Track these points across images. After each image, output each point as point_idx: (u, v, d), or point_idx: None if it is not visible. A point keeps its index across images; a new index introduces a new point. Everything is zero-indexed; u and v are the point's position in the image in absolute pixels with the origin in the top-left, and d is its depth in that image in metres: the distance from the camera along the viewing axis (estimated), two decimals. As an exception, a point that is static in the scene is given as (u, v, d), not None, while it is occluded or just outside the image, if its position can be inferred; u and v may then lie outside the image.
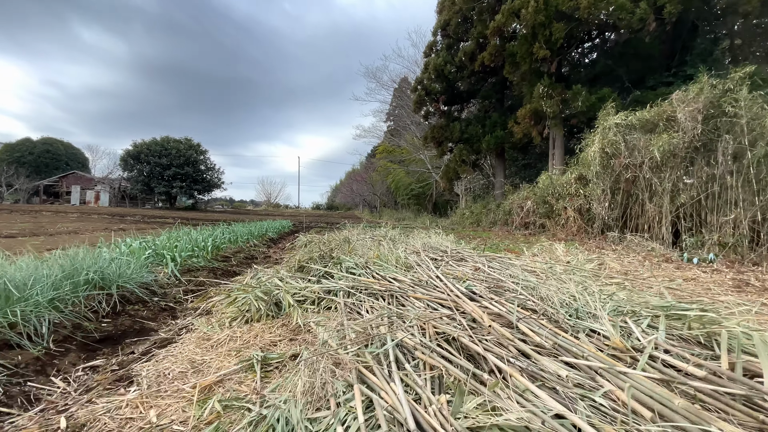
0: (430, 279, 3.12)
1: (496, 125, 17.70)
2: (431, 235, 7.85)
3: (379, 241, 6.15)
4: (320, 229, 18.46)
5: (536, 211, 13.65)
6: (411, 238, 6.66)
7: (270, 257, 7.75)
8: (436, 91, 17.63)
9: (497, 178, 19.26)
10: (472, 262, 4.31)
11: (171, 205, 44.64)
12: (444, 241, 6.88)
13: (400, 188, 41.78)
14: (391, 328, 2.07)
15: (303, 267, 3.85)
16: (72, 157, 53.04)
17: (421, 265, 3.71)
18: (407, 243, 6.17)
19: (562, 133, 13.92)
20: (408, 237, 7.59)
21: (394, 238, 6.60)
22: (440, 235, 7.75)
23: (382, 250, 4.07)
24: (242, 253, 7.53)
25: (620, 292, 2.85)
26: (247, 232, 9.40)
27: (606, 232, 10.93)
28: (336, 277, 3.40)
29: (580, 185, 11.79)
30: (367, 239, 6.10)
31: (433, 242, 6.43)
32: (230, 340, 2.41)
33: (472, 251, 5.45)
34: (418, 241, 6.25)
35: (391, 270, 3.50)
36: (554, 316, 2.09)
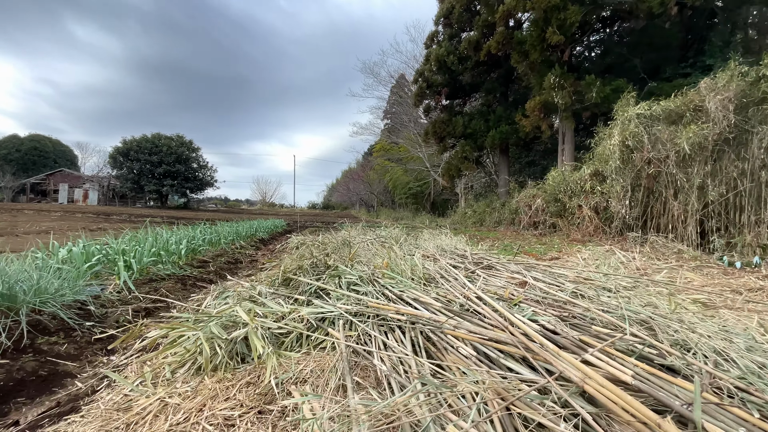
0: (467, 301, 2.19)
1: (501, 120, 16.82)
2: (440, 235, 6.93)
3: (383, 243, 5.22)
4: (315, 228, 17.49)
5: (546, 210, 12.78)
6: (420, 240, 5.74)
7: (257, 261, 6.80)
8: (437, 84, 16.71)
9: (501, 175, 18.38)
10: (506, 272, 3.39)
11: (162, 204, 43.40)
12: (457, 243, 5.96)
13: (397, 187, 40.89)
14: (432, 408, 1.15)
15: (289, 280, 2.91)
16: (60, 155, 51.52)
17: (447, 278, 2.77)
18: (417, 245, 5.24)
19: (573, 126, 13.06)
20: (415, 238, 6.66)
21: (400, 239, 5.67)
22: (448, 236, 6.83)
23: (392, 255, 3.14)
24: (225, 256, 6.57)
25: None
26: (233, 232, 8.43)
27: (626, 233, 10.07)
28: (333, 297, 2.46)
29: (596, 182, 10.92)
30: (370, 241, 5.16)
31: (446, 244, 5.50)
32: (160, 412, 1.46)
33: (499, 256, 4.53)
34: (429, 244, 5.32)
35: (408, 284, 2.57)
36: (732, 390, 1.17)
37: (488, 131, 16.84)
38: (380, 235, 6.68)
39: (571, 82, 12.44)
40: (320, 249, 3.65)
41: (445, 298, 2.34)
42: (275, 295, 2.62)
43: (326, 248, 3.64)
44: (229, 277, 4.24)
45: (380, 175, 45.27)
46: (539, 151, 22.71)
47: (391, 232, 7.08)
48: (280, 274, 2.85)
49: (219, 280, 4.92)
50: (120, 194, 44.55)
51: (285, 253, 7.52)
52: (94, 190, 43.40)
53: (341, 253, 3.80)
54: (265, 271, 4.38)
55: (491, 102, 17.73)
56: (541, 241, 10.29)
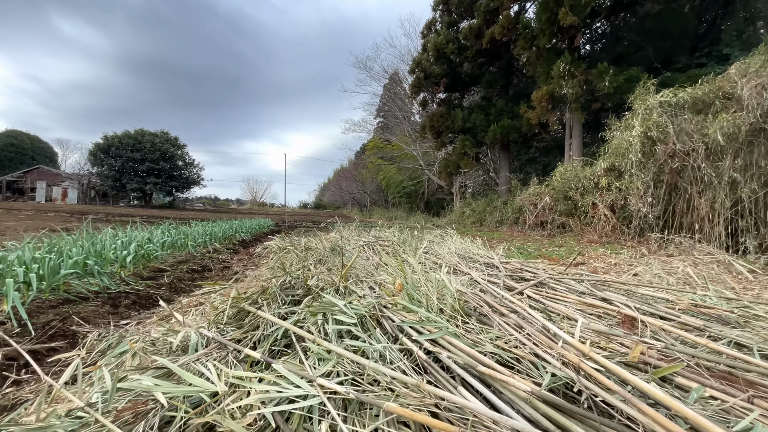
0: (573, 373, 1.09)
1: (502, 113, 15.84)
2: (448, 237, 5.87)
3: (384, 248, 4.13)
4: (305, 229, 16.33)
5: (554, 209, 11.82)
6: (427, 243, 4.65)
7: (229, 268, 5.66)
8: (436, 74, 15.65)
9: (501, 172, 17.40)
10: (568, 291, 2.33)
11: (146, 203, 41.68)
12: (472, 247, 4.91)
13: (391, 186, 39.85)
14: None
15: (246, 313, 1.80)
16: (39, 152, 49.25)
17: (497, 308, 1.70)
18: (428, 250, 4.16)
19: (583, 119, 12.12)
20: (419, 240, 5.59)
21: (405, 242, 4.58)
22: (456, 238, 5.77)
23: (404, 270, 2.06)
24: (190, 262, 5.42)
25: None
26: (206, 233, 7.27)
27: (646, 233, 9.15)
28: (314, 355, 1.36)
29: (612, 177, 9.98)
30: (368, 244, 4.07)
31: (462, 248, 4.43)
32: None
33: (537, 265, 3.48)
34: (443, 248, 4.25)
35: (439, 323, 1.50)
36: None
37: (488, 126, 15.85)
38: (378, 237, 5.59)
39: (582, 71, 11.49)
40: (301, 259, 2.54)
41: (522, 358, 1.26)
42: (214, 346, 1.51)
43: (307, 260, 2.54)
44: (181, 295, 3.11)
45: (373, 174, 44.19)
46: (539, 148, 21.84)
47: (391, 233, 6.00)
48: (226, 307, 1.74)
49: (174, 296, 3.80)
50: (102, 193, 42.65)
51: (265, 258, 6.38)
52: (74, 188, 41.42)
53: (330, 263, 2.70)
54: (227, 288, 3.25)
55: (491, 95, 16.73)
56: (553, 242, 9.30)
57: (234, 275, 5.10)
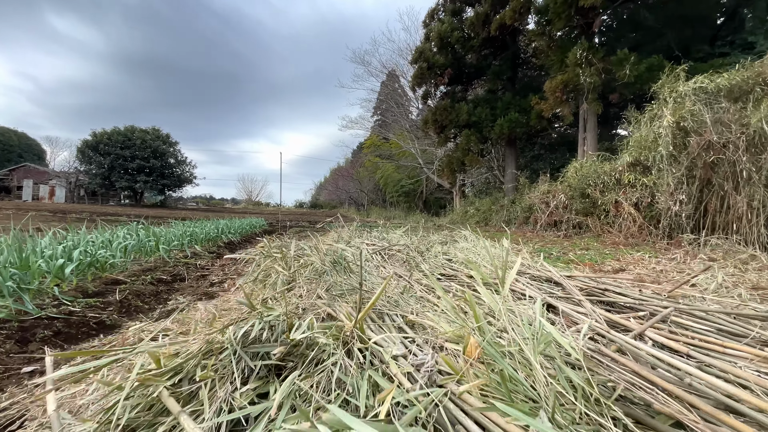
0: None
1: (510, 107, 14.94)
2: (474, 241, 4.96)
3: (408, 258, 3.21)
4: (301, 229, 15.38)
5: (570, 207, 10.94)
6: (454, 249, 3.74)
7: (205, 277, 4.71)
8: (439, 65, 14.71)
9: (508, 169, 16.53)
10: (702, 329, 1.42)
11: (137, 202, 40.45)
12: (501, 253, 4.00)
13: (389, 184, 38.95)
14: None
15: (158, 410, 0.88)
16: (27, 149, 47.76)
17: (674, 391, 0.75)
18: (456, 258, 3.24)
19: (600, 111, 11.26)
20: (440, 243, 4.68)
21: (427, 249, 3.66)
22: (480, 241, 4.85)
23: (475, 312, 1.12)
24: (159, 270, 4.47)
25: None
26: (186, 234, 6.30)
27: (678, 234, 8.30)
28: None
29: (637, 173, 9.12)
30: (381, 250, 3.14)
31: (496, 256, 3.52)
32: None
33: (603, 279, 2.57)
34: (476, 256, 3.33)
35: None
36: None
37: (495, 120, 14.95)
38: (387, 241, 4.66)
39: (600, 58, 10.63)
40: (285, 281, 1.61)
41: None
42: None
43: (297, 278, 1.62)
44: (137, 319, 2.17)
45: (371, 173, 43.26)
46: (544, 145, 21.01)
47: (400, 235, 5.07)
48: (122, 396, 0.81)
49: (123, 320, 2.85)
50: (91, 191, 41.33)
51: (251, 264, 5.44)
52: (62, 186, 40.06)
53: (332, 283, 1.77)
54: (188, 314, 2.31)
55: (497, 88, 15.83)
56: (574, 244, 8.41)
57: (213, 285, 4.14)
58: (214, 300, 3.33)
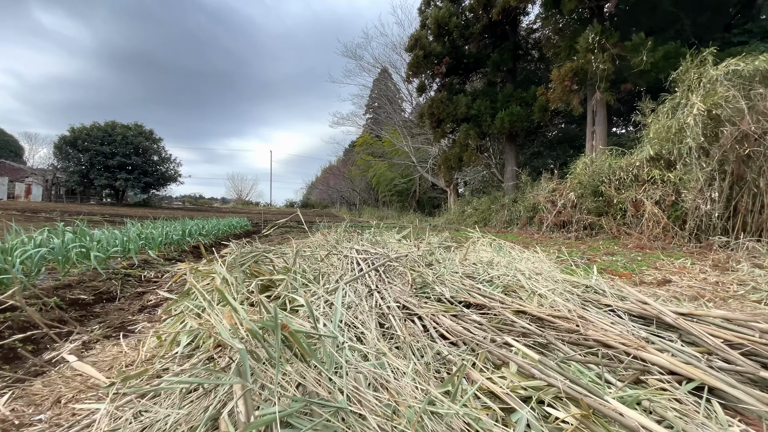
0: None
1: (511, 100, 14.01)
2: (482, 243, 3.94)
3: (414, 267, 2.17)
4: (288, 229, 14.27)
5: (581, 206, 10.00)
6: (462, 253, 2.70)
7: (144, 295, 3.60)
8: (437, 53, 13.70)
9: (508, 167, 15.59)
10: None
11: (118, 201, 38.72)
12: (532, 260, 2.99)
13: (381, 183, 37.86)
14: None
15: None
16: (3, 145, 45.58)
17: None
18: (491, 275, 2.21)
19: (613, 100, 10.34)
20: (445, 248, 3.63)
21: (438, 262, 2.61)
22: (509, 250, 3.84)
23: None
24: (82, 287, 3.37)
25: None
26: (137, 239, 5.17)
27: (706, 236, 7.39)
28: None
29: (660, 168, 8.21)
30: (381, 266, 2.07)
31: (537, 269, 2.50)
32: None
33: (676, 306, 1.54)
34: (518, 274, 2.30)
35: None
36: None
37: (495, 113, 14.00)
38: (379, 243, 3.62)
39: (615, 42, 9.71)
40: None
41: None
42: None
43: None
44: None
45: (363, 171, 42.13)
46: (545, 142, 20.14)
47: (400, 240, 4.02)
48: None
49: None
50: (71, 190, 39.46)
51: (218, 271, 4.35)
52: (38, 184, 38.17)
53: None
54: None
55: (497, 79, 14.86)
56: (591, 247, 7.43)
57: (147, 313, 3.00)
58: (125, 340, 2.25)
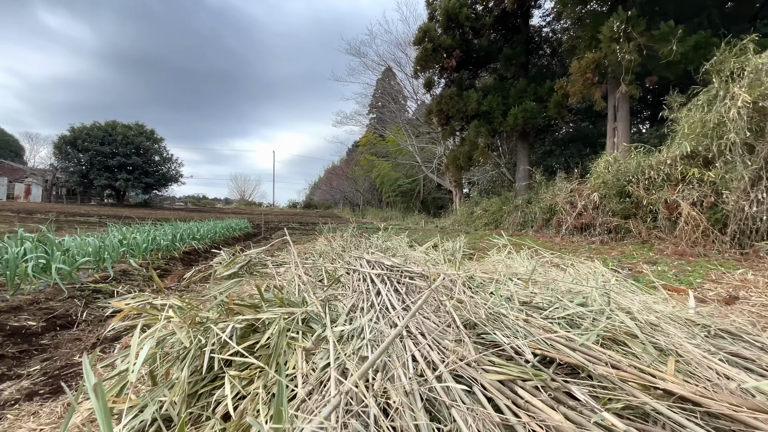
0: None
1: (524, 95, 13.29)
2: (509, 251, 3.24)
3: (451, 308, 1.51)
4: (290, 231, 13.62)
5: (604, 208, 9.28)
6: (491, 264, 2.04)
7: (110, 319, 2.94)
8: (446, 46, 13.02)
9: (520, 166, 14.88)
10: None
11: (119, 201, 38.24)
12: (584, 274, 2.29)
13: (385, 184, 37.16)
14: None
15: None
16: (3, 145, 45.24)
17: None
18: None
19: (638, 94, 9.63)
20: (467, 256, 2.91)
21: (483, 284, 1.92)
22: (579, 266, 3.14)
23: None
24: (32, 309, 2.71)
25: None
26: (117, 245, 4.51)
27: (751, 241, 6.65)
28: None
29: (697, 166, 7.48)
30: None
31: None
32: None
33: None
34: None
35: None
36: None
37: (507, 110, 13.29)
38: (390, 251, 2.95)
39: (641, 32, 8.99)
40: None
41: None
42: None
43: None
44: None
45: (366, 172, 41.44)
46: (556, 140, 19.38)
47: (427, 251, 3.34)
48: None
49: None
50: (71, 190, 39.02)
51: (202, 285, 3.65)
52: (38, 185, 37.75)
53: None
54: None
55: (509, 74, 14.13)
56: (624, 254, 6.72)
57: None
58: (52, 403, 1.60)
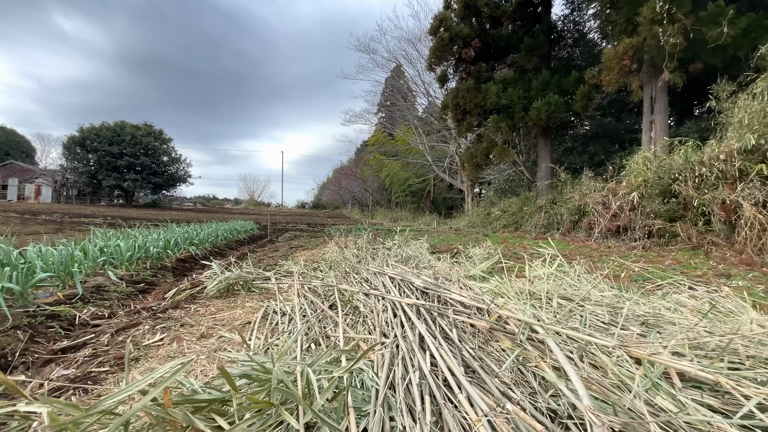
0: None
1: (547, 88, 12.39)
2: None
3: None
4: (298, 233, 12.96)
5: (643, 209, 8.35)
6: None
7: (44, 366, 2.20)
8: (464, 35, 12.17)
9: (542, 164, 13.95)
10: None
11: (128, 202, 38.08)
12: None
13: (395, 183, 36.32)
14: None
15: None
16: (14, 146, 45.55)
17: None
18: None
19: (682, 83, 8.68)
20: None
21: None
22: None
23: None
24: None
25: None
26: (102, 253, 3.80)
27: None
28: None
29: (757, 162, 6.53)
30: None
31: None
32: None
33: None
34: None
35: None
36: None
37: (529, 103, 12.40)
38: (411, 260, 2.14)
39: (686, 12, 8.05)
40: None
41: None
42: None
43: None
44: None
45: (375, 171, 40.67)
46: (577, 136, 18.38)
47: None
48: None
49: None
50: (80, 191, 39.01)
51: (166, 322, 2.90)
52: (49, 185, 37.80)
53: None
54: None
55: (530, 66, 13.22)
56: (680, 263, 5.82)
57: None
58: None
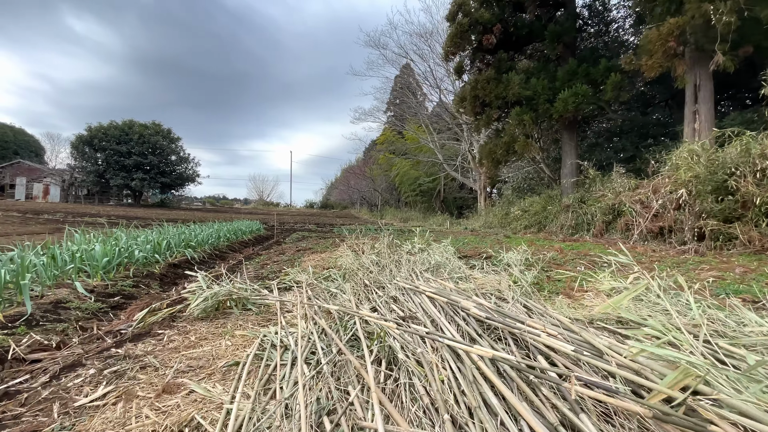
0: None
1: (574, 78, 11.48)
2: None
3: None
4: (306, 234, 12.26)
5: (691, 208, 7.43)
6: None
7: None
8: (484, 21, 11.32)
9: (567, 160, 13.03)
10: None
11: (136, 202, 37.86)
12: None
13: (405, 183, 35.47)
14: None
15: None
16: (23, 145, 45.69)
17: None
18: None
19: (734, 67, 7.74)
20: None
21: None
22: None
23: None
24: None
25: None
26: (78, 259, 3.11)
27: None
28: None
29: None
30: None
31: None
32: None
33: None
34: None
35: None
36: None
37: (554, 94, 11.50)
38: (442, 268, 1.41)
39: (743, -13, 7.12)
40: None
41: None
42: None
43: None
44: None
45: (385, 170, 39.87)
46: (601, 131, 17.36)
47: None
48: None
49: None
50: (89, 190, 38.89)
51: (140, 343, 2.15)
52: (57, 185, 37.72)
53: None
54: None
55: (555, 55, 12.31)
56: (756, 271, 4.94)
57: None
58: None
